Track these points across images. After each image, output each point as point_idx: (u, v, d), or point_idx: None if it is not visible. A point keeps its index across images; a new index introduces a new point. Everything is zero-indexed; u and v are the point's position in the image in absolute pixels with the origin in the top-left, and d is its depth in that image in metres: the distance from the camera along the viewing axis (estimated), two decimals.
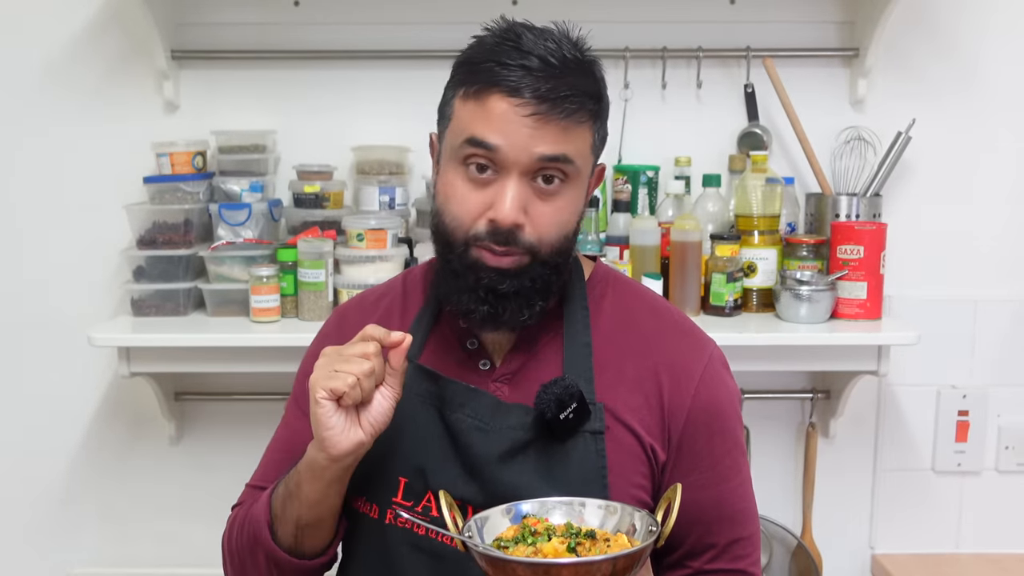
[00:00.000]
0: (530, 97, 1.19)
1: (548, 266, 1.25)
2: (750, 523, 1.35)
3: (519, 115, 1.20)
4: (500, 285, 1.23)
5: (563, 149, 1.22)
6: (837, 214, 2.17)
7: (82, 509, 2.36)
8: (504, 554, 1.08)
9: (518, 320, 1.26)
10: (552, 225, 1.24)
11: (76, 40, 2.23)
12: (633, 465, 1.27)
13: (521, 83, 1.20)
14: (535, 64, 1.20)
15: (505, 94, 1.20)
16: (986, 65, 2.26)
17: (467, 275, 1.24)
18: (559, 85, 1.20)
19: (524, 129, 1.20)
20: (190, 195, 2.16)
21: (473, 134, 1.22)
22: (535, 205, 1.23)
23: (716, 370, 1.33)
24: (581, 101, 1.23)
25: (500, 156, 1.21)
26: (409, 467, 1.28)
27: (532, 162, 1.21)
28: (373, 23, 2.23)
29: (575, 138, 1.23)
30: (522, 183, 1.22)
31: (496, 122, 1.21)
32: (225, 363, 2.08)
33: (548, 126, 1.20)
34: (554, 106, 1.20)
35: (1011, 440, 2.33)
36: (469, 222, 1.23)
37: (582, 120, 1.23)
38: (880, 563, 2.33)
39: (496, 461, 1.25)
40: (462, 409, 1.28)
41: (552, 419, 1.23)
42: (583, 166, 1.26)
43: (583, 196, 1.29)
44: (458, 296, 1.26)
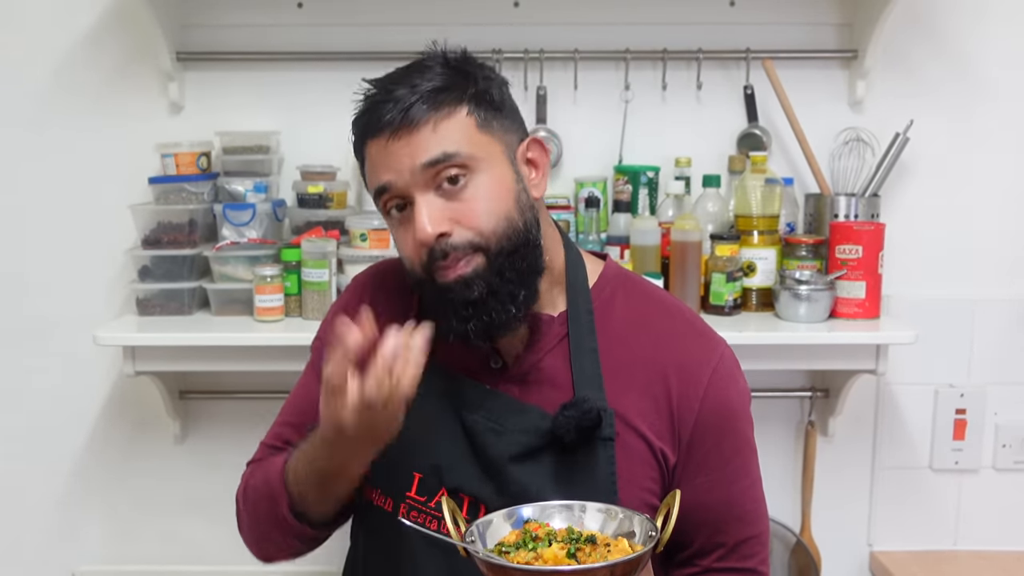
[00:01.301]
0: (386, 122, 1.23)
1: (505, 254, 1.24)
2: (759, 522, 1.36)
3: (386, 147, 1.24)
4: (470, 295, 1.23)
5: (438, 148, 1.23)
6: (836, 214, 2.18)
7: (87, 507, 2.37)
8: (505, 560, 1.09)
9: (509, 316, 1.25)
10: (480, 215, 1.24)
11: (81, 42, 2.24)
12: (643, 470, 1.28)
13: (377, 120, 1.24)
14: (383, 96, 1.25)
15: (371, 138, 1.25)
16: (984, 66, 2.28)
17: (442, 303, 1.25)
18: (403, 98, 1.23)
19: (396, 155, 1.23)
20: (195, 195, 2.17)
21: (373, 186, 1.27)
22: (454, 208, 1.24)
23: (727, 370, 1.34)
24: (433, 97, 1.24)
25: (397, 190, 1.25)
26: (424, 463, 1.29)
27: (420, 176, 1.23)
28: (376, 24, 2.24)
29: (450, 131, 1.23)
30: (428, 197, 1.23)
31: (378, 165, 1.25)
32: (229, 362, 2.09)
33: (412, 137, 1.23)
34: (404, 119, 1.22)
35: (1008, 438, 2.34)
36: (415, 258, 1.26)
37: (446, 112, 1.24)
38: (878, 560, 2.34)
39: (510, 463, 1.27)
40: (479, 410, 1.29)
41: (569, 442, 1.25)
42: (476, 150, 1.24)
43: (506, 173, 1.27)
44: (447, 326, 1.26)
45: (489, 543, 1.14)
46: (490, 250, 1.24)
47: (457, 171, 1.23)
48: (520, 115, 1.35)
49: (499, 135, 1.28)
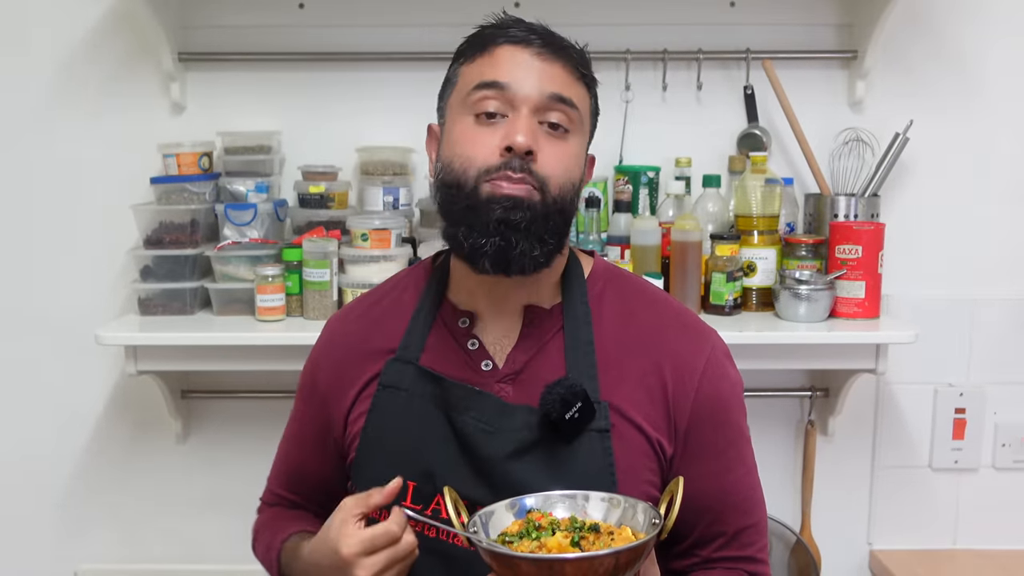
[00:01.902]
0: (537, 41, 1.26)
1: (555, 206, 1.26)
2: (757, 511, 1.37)
3: (527, 55, 1.26)
4: (513, 216, 1.23)
5: (570, 92, 1.27)
6: (836, 214, 2.19)
7: (89, 506, 2.38)
8: (508, 550, 1.09)
9: (529, 256, 1.25)
10: (560, 164, 1.26)
11: (84, 43, 2.25)
12: (641, 461, 1.29)
13: (528, 37, 1.27)
14: (538, 28, 1.29)
15: (511, 43, 1.27)
16: (983, 67, 2.28)
17: (478, 211, 1.24)
18: (563, 42, 1.29)
19: (532, 69, 1.26)
20: (196, 195, 2.17)
21: (483, 78, 1.26)
22: (545, 143, 1.26)
23: (718, 361, 1.34)
24: (581, 59, 1.30)
25: (510, 94, 1.25)
26: (417, 471, 1.29)
27: (542, 99, 1.25)
28: (377, 25, 2.25)
29: (579, 90, 1.29)
30: (533, 119, 1.25)
31: (505, 65, 1.26)
32: (231, 361, 2.09)
33: (555, 67, 1.26)
34: (559, 52, 1.27)
35: (1007, 437, 2.35)
36: (482, 158, 1.24)
37: (581, 79, 1.30)
38: (878, 559, 2.35)
39: (504, 461, 1.26)
40: (468, 412, 1.29)
41: (557, 419, 1.24)
42: (584, 120, 1.31)
43: (584, 153, 1.33)
44: (468, 233, 1.25)
45: (492, 533, 1.14)
46: (548, 195, 1.25)
47: (567, 122, 1.27)
48: None
49: (589, 128, 1.35)
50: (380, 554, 1.19)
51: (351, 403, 1.37)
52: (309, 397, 1.44)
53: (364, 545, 1.19)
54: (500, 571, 1.10)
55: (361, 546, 1.19)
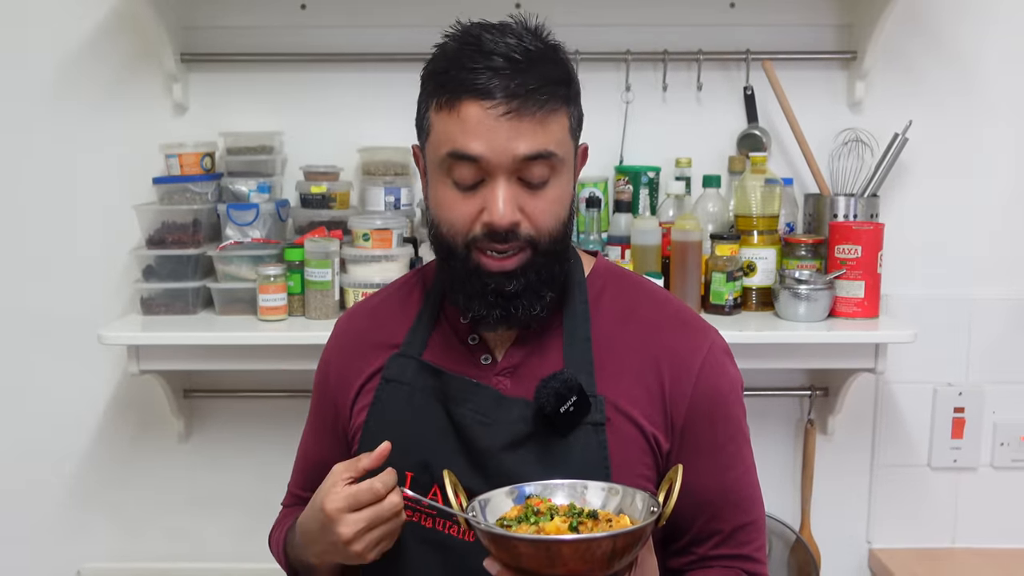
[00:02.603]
0: (501, 97, 1.19)
1: (549, 255, 1.27)
2: (754, 509, 1.37)
3: (493, 117, 1.19)
4: (507, 287, 1.25)
5: (543, 144, 1.22)
6: (835, 214, 2.19)
7: (92, 505, 2.38)
8: (506, 531, 1.09)
9: (530, 315, 1.28)
10: (547, 216, 1.25)
11: (87, 44, 2.25)
12: (636, 455, 1.29)
13: (490, 84, 1.19)
14: (500, 63, 1.20)
15: (476, 99, 1.20)
16: (982, 68, 2.29)
17: (473, 281, 1.26)
18: (527, 79, 1.20)
19: (501, 131, 1.20)
20: (199, 195, 2.18)
21: (454, 147, 1.22)
22: (527, 201, 1.24)
23: (717, 358, 1.34)
24: (551, 90, 1.22)
25: (483, 164, 1.21)
26: (415, 461, 1.30)
27: (515, 163, 1.21)
28: (379, 26, 2.26)
29: (553, 128, 1.23)
30: (510, 182, 1.22)
31: (473, 130, 1.20)
32: (233, 361, 2.10)
33: (524, 123, 1.20)
34: (526, 101, 1.20)
35: (1006, 437, 2.36)
36: (465, 228, 1.25)
37: (556, 108, 1.23)
38: (877, 557, 2.36)
39: (500, 453, 1.27)
40: (465, 404, 1.30)
41: (552, 413, 1.24)
42: (565, 154, 1.26)
43: (571, 180, 1.30)
44: (467, 303, 1.28)
45: (490, 519, 1.15)
46: (538, 249, 1.25)
47: (546, 170, 1.23)
48: None
49: (575, 140, 1.31)
50: (364, 511, 1.20)
51: (355, 395, 1.39)
52: (322, 394, 1.46)
53: (347, 501, 1.20)
54: (498, 554, 1.10)
55: (344, 502, 1.20)
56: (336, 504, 1.20)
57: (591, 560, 1.06)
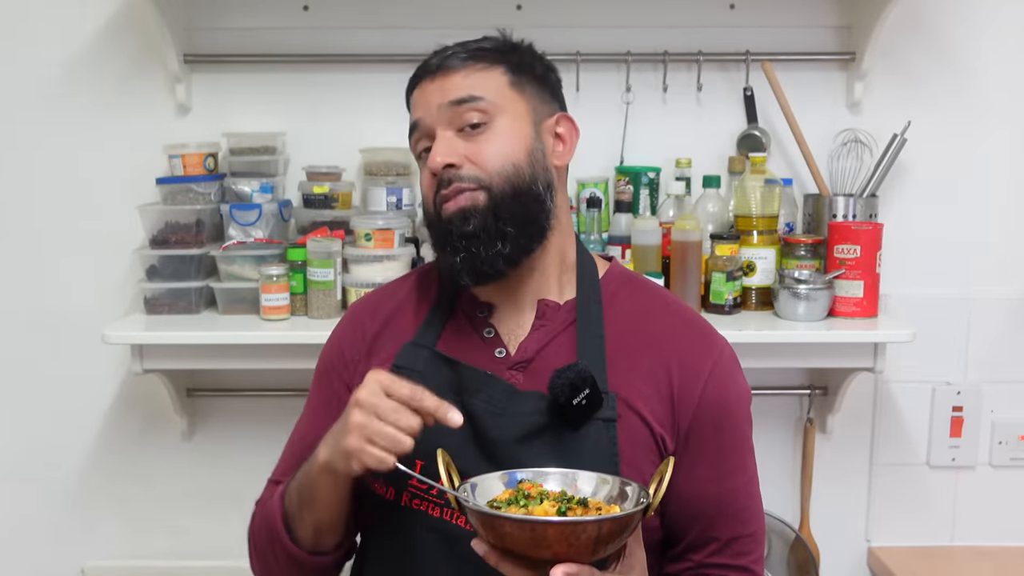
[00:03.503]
0: (433, 66, 1.34)
1: (506, 195, 1.30)
2: (754, 521, 1.37)
3: (422, 89, 1.35)
4: (465, 227, 1.30)
5: (467, 91, 1.32)
6: (834, 214, 2.20)
7: (96, 503, 2.39)
8: (493, 510, 1.10)
9: (496, 254, 1.30)
10: (490, 155, 1.31)
11: (91, 45, 2.26)
12: (644, 453, 1.30)
13: (421, 68, 1.36)
14: (433, 51, 1.36)
15: (415, 86, 1.37)
16: (980, 68, 2.30)
17: (441, 236, 1.33)
18: (447, 50, 1.35)
19: (429, 92, 1.33)
20: (202, 196, 2.19)
21: (409, 128, 1.37)
22: (468, 146, 1.31)
23: (726, 367, 1.36)
24: (476, 52, 1.34)
25: (424, 126, 1.34)
26: (425, 450, 1.28)
27: (445, 112, 1.32)
28: (381, 27, 2.27)
29: (480, 79, 1.33)
30: (448, 134, 1.32)
31: (414, 106, 1.37)
32: (236, 360, 2.11)
33: (446, 80, 1.32)
34: (445, 61, 1.33)
35: (1004, 435, 2.37)
36: (428, 191, 1.34)
37: (484, 65, 1.34)
38: (876, 556, 2.37)
39: (511, 445, 1.28)
40: (478, 395, 1.31)
41: (565, 404, 1.25)
42: (503, 102, 1.33)
43: (524, 128, 1.34)
44: (443, 259, 1.34)
45: (481, 501, 1.15)
46: (492, 189, 1.30)
47: (479, 115, 1.32)
48: (562, 97, 1.43)
49: (529, 98, 1.36)
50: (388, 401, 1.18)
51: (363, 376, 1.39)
52: (329, 373, 1.44)
53: (382, 383, 1.18)
54: (485, 534, 1.11)
55: (378, 384, 1.18)
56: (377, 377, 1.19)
57: (576, 544, 1.07)
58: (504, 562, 1.12)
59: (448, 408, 1.19)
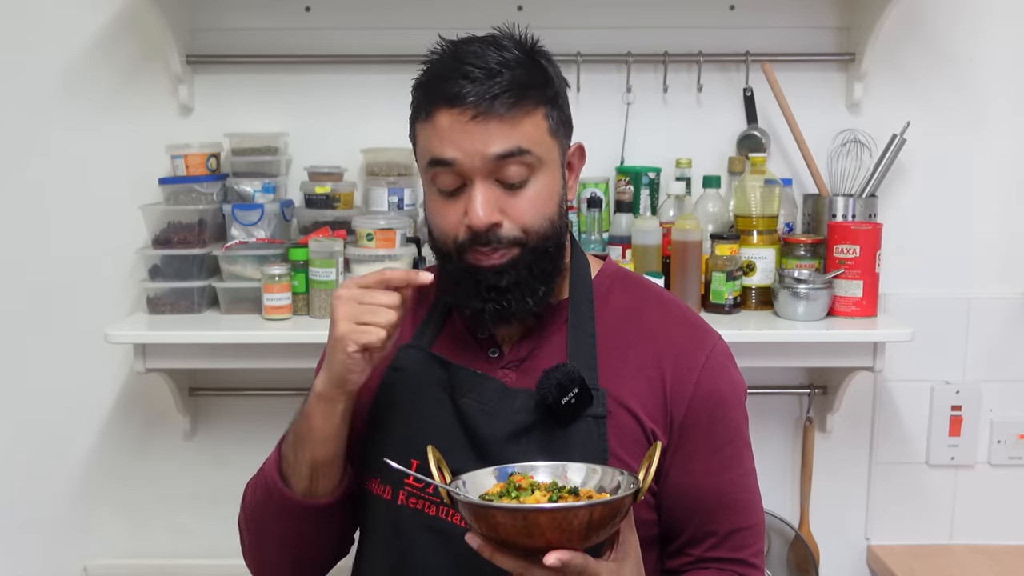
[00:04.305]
0: (470, 102, 1.24)
1: (539, 252, 1.29)
2: (752, 514, 1.37)
3: (463, 122, 1.24)
4: (499, 282, 1.28)
5: (514, 143, 1.25)
6: (834, 214, 2.21)
7: (98, 502, 2.40)
8: (485, 501, 1.12)
9: (524, 308, 1.30)
10: (530, 214, 1.28)
11: (94, 46, 2.27)
12: (634, 449, 1.30)
13: (461, 91, 1.24)
14: (473, 72, 1.25)
15: (447, 107, 1.25)
16: (978, 70, 2.31)
17: (466, 280, 1.30)
18: (495, 84, 1.25)
19: (472, 135, 1.24)
20: (204, 196, 2.20)
21: (432, 155, 1.28)
22: (508, 201, 1.27)
23: (719, 361, 1.36)
24: (520, 92, 1.26)
25: (459, 168, 1.26)
26: (419, 449, 1.29)
27: (488, 164, 1.25)
28: (382, 28, 2.28)
29: (524, 128, 1.26)
30: (487, 184, 1.26)
31: (446, 137, 1.26)
32: (238, 359, 2.12)
33: (492, 124, 1.24)
34: (492, 103, 1.24)
35: (1003, 434, 2.37)
36: (453, 233, 1.29)
37: (528, 109, 1.27)
38: (876, 554, 2.37)
39: (501, 442, 1.29)
40: (470, 394, 1.32)
41: (553, 404, 1.26)
42: (543, 152, 1.29)
43: (557, 177, 1.32)
44: (464, 300, 1.32)
45: (474, 495, 1.16)
46: (527, 246, 1.29)
47: (523, 169, 1.27)
48: (571, 121, 1.38)
49: (560, 140, 1.33)
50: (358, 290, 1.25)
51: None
52: None
53: (354, 280, 1.26)
54: (478, 526, 1.12)
55: (351, 282, 1.26)
56: (350, 280, 1.27)
57: (568, 530, 1.08)
58: (498, 554, 1.13)
59: (416, 273, 1.26)
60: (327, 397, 1.29)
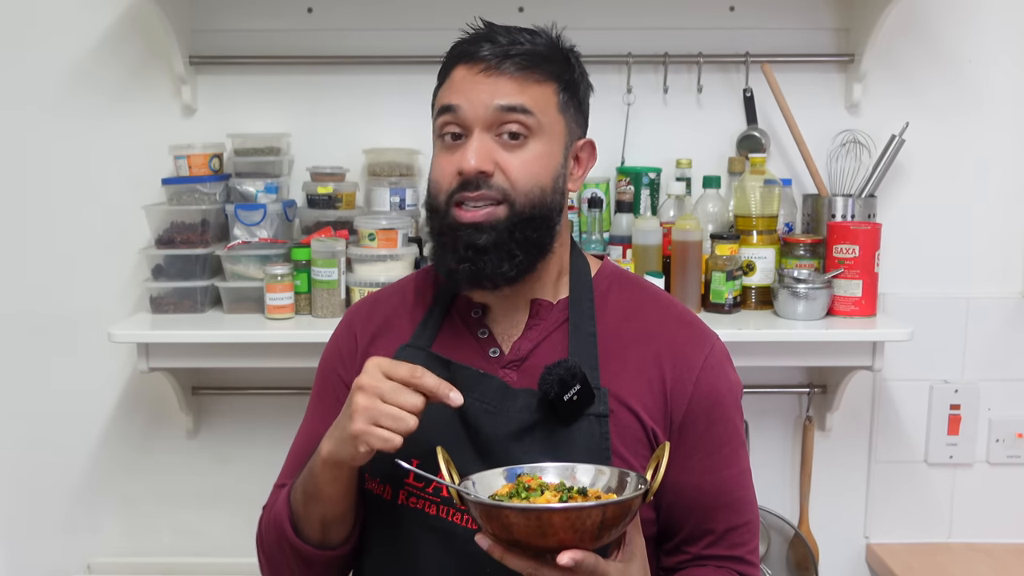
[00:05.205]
0: (486, 56, 1.29)
1: (524, 218, 1.30)
2: (748, 511, 1.38)
3: (475, 74, 1.30)
4: (477, 240, 1.29)
5: (519, 100, 1.29)
6: (833, 214, 2.22)
7: (102, 500, 2.41)
8: (497, 502, 1.11)
9: (499, 273, 1.30)
10: (522, 172, 1.30)
11: (97, 47, 2.28)
12: (635, 447, 1.31)
13: (479, 49, 1.30)
14: (491, 36, 1.31)
15: (464, 62, 1.31)
16: (977, 70, 2.32)
17: (447, 235, 1.31)
18: (515, 46, 1.30)
19: (480, 85, 1.29)
20: (207, 196, 2.21)
21: (441, 103, 1.32)
22: (503, 155, 1.29)
23: (718, 361, 1.37)
24: (535, 59, 1.30)
25: (462, 114, 1.29)
26: (421, 449, 1.30)
27: (490, 113, 1.28)
28: (384, 29, 2.29)
29: (533, 92, 1.30)
30: (486, 136, 1.29)
31: (457, 86, 1.31)
32: (241, 359, 2.13)
33: (502, 78, 1.29)
34: (505, 59, 1.29)
35: (1001, 433, 2.38)
36: (447, 183, 1.31)
37: (540, 78, 1.31)
38: (875, 552, 2.38)
39: (504, 441, 1.29)
40: (471, 393, 1.31)
41: (555, 399, 1.27)
42: (547, 122, 1.31)
43: (557, 153, 1.33)
44: (442, 257, 1.33)
45: (483, 496, 1.17)
46: (514, 207, 1.30)
47: (522, 128, 1.29)
48: (587, 119, 1.42)
49: (568, 123, 1.35)
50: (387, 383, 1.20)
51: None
52: (330, 375, 1.46)
53: (381, 367, 1.21)
54: (489, 526, 1.12)
55: (378, 369, 1.21)
56: (376, 363, 1.22)
57: (581, 530, 1.08)
58: (509, 554, 1.13)
59: (448, 387, 1.22)
60: (335, 466, 1.27)
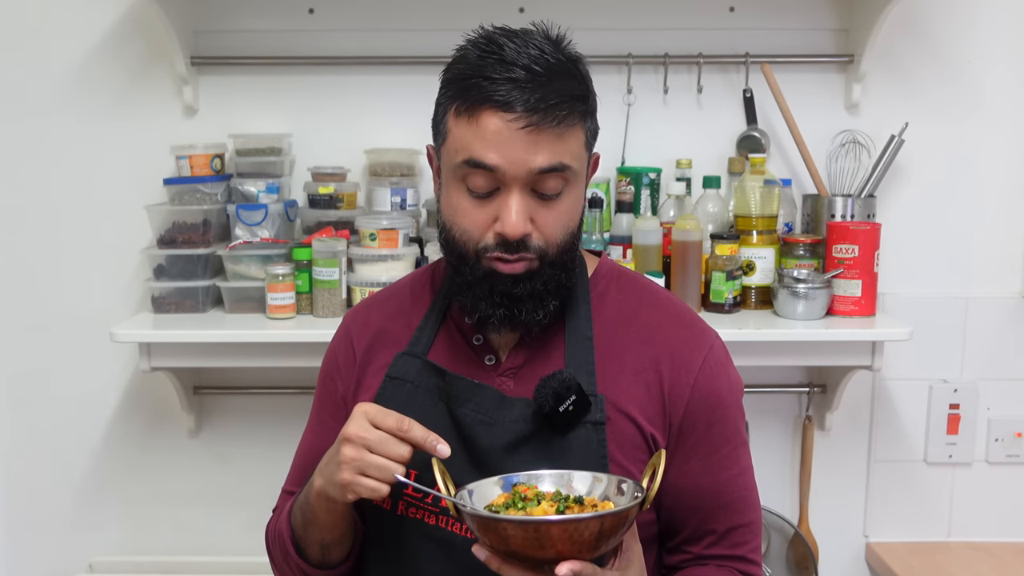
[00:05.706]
0: (521, 110, 1.20)
1: (557, 266, 1.28)
2: (750, 511, 1.37)
3: (512, 130, 1.21)
4: (514, 289, 1.27)
5: (559, 158, 1.23)
6: (833, 214, 2.22)
7: (104, 499, 2.42)
8: (494, 514, 1.11)
9: (534, 320, 1.29)
10: (558, 227, 1.27)
11: (99, 48, 2.29)
12: (633, 454, 1.30)
13: (511, 96, 1.20)
14: (521, 76, 1.21)
15: (496, 109, 1.21)
16: (976, 71, 2.32)
17: (482, 284, 1.27)
18: (547, 93, 1.21)
19: (519, 144, 1.21)
20: (208, 196, 2.21)
21: (471, 155, 1.23)
22: (539, 212, 1.25)
23: (717, 360, 1.36)
24: (570, 105, 1.23)
25: (499, 174, 1.23)
26: (418, 460, 1.27)
27: (531, 176, 1.23)
28: (385, 30, 2.29)
29: (569, 142, 1.25)
30: (523, 194, 1.24)
31: (491, 140, 1.21)
32: (242, 358, 2.13)
33: (542, 137, 1.21)
34: (545, 116, 1.21)
35: (1000, 432, 2.39)
36: (478, 236, 1.26)
37: (573, 123, 1.24)
38: (874, 551, 2.39)
39: (501, 452, 1.28)
40: (467, 403, 1.31)
41: (551, 412, 1.25)
42: (580, 168, 1.28)
43: (583, 192, 1.32)
44: (474, 303, 1.29)
45: (478, 507, 1.16)
46: (547, 258, 1.27)
47: (560, 183, 1.25)
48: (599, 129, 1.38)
49: (588, 154, 1.32)
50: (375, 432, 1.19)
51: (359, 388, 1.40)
52: (329, 383, 1.46)
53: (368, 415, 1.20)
54: (486, 538, 1.11)
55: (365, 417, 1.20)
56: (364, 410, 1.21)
57: (579, 541, 1.08)
58: (506, 565, 1.12)
59: (436, 439, 1.20)
60: (327, 499, 1.27)
